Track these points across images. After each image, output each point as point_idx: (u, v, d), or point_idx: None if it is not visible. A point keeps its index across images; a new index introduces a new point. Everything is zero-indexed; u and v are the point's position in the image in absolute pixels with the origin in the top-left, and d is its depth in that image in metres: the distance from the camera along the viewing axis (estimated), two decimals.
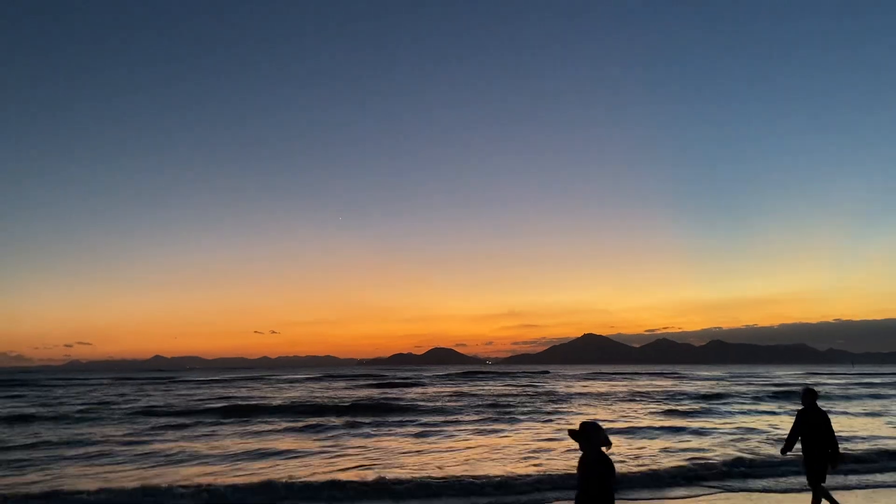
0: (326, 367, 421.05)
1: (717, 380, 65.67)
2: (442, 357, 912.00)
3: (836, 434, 8.32)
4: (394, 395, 39.13)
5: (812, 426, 8.22)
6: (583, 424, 4.80)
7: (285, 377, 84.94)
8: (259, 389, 49.70)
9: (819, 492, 8.29)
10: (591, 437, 4.69)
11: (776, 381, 62.70)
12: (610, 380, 67.55)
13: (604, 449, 4.68)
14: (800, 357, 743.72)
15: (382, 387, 52.22)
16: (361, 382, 62.18)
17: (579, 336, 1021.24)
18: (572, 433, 4.79)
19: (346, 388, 49.63)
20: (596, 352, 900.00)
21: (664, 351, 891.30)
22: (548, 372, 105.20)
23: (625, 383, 57.44)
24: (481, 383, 58.67)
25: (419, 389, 47.50)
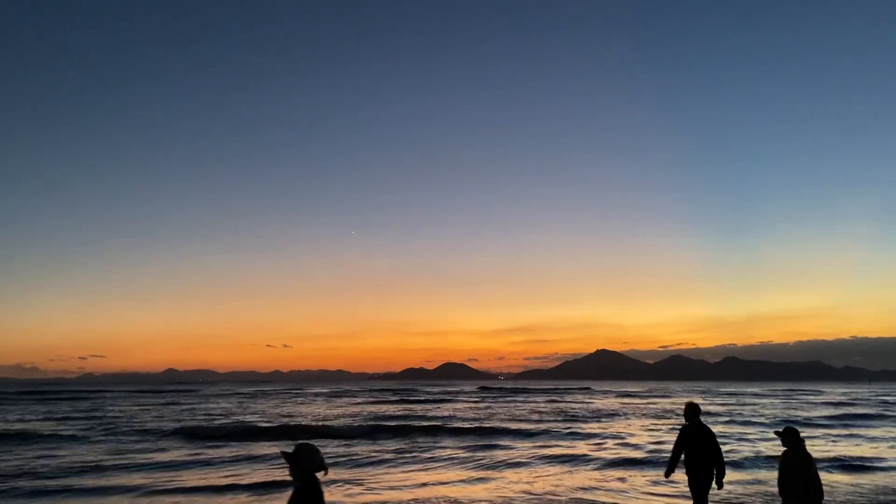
0: (340, 381, 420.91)
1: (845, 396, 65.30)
2: (454, 372, 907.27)
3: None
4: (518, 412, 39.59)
5: (696, 443, 7.86)
6: (297, 446, 4.11)
7: (332, 391, 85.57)
8: (350, 405, 50.29)
9: None
10: (301, 460, 4.00)
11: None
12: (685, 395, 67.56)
13: (320, 475, 4.06)
14: (816, 374, 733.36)
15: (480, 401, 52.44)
16: (428, 397, 62.71)
17: (592, 352, 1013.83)
18: (285, 455, 4.06)
19: (427, 403, 50.06)
20: (609, 368, 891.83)
21: (678, 367, 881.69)
22: (589, 388, 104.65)
23: (725, 400, 57.56)
24: (547, 398, 59.07)
25: (518, 404, 47.94)
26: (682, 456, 7.96)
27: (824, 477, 8.30)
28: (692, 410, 8.13)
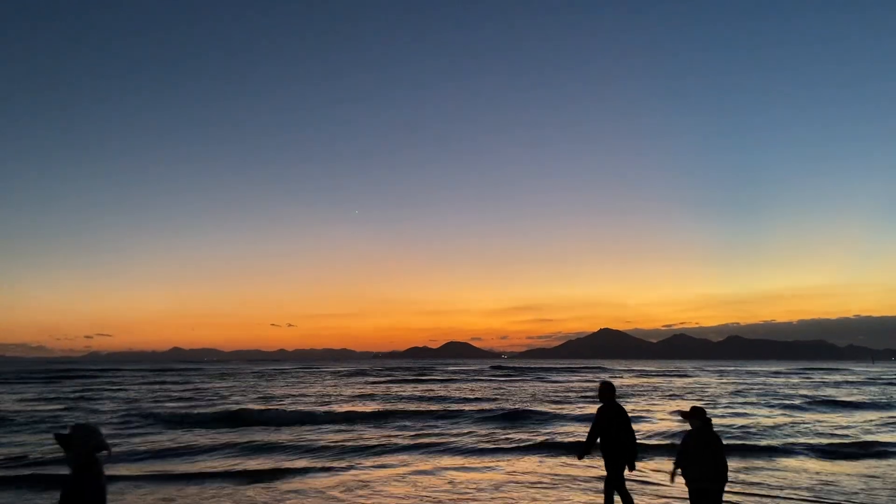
0: (345, 360, 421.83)
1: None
2: (457, 351, 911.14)
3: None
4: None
5: (612, 423, 7.64)
6: (73, 427, 3.98)
7: (349, 369, 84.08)
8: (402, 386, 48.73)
9: (615, 491, 7.68)
10: (73, 441, 3.81)
11: None
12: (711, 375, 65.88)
13: (104, 453, 3.93)
14: (819, 353, 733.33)
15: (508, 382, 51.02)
16: (447, 377, 61.08)
17: (595, 331, 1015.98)
18: (58, 437, 3.91)
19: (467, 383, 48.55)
20: (612, 347, 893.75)
21: (681, 346, 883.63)
22: (602, 368, 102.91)
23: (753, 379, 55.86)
24: (570, 377, 57.44)
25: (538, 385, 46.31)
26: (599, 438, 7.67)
27: None
28: (608, 390, 7.85)
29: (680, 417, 7.32)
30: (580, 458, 8.07)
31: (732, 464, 8.41)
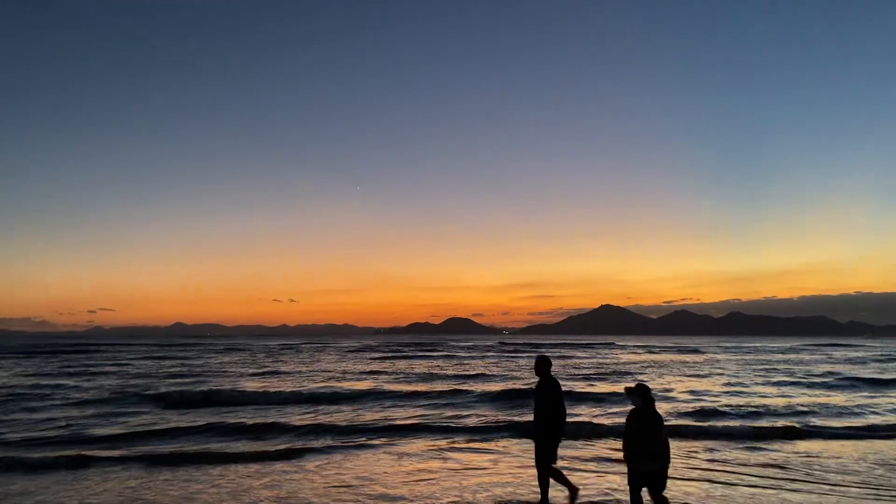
0: (347, 335, 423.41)
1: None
2: (459, 327, 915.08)
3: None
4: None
5: (548, 398, 7.40)
6: None
7: (354, 345, 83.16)
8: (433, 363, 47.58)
9: (549, 471, 7.44)
10: None
11: None
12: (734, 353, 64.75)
13: None
14: (820, 330, 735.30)
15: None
16: (464, 354, 59.97)
17: (596, 307, 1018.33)
18: None
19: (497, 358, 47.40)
20: (613, 323, 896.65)
21: (682, 323, 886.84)
22: (613, 344, 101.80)
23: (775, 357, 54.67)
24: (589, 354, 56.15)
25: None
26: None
27: None
28: (544, 364, 7.58)
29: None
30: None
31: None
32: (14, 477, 9.72)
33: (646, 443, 6.34)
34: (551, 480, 7.56)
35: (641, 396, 6.52)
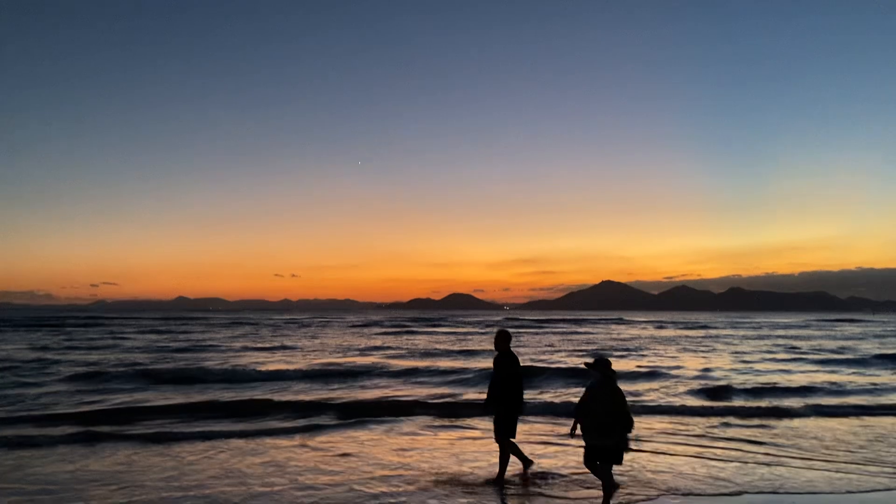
0: (349, 310, 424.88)
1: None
2: (460, 303, 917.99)
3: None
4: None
5: (503, 373, 7.30)
6: None
7: (361, 321, 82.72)
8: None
9: (508, 446, 7.42)
10: None
11: None
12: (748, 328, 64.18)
13: None
14: (820, 305, 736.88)
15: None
16: (476, 330, 59.40)
17: (597, 283, 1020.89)
18: None
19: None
20: (614, 299, 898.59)
21: (683, 298, 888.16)
22: (622, 319, 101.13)
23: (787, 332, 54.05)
24: (604, 328, 55.73)
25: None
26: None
27: None
28: (504, 338, 7.49)
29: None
30: (486, 411, 7.62)
31: None
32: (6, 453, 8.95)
33: (600, 417, 6.24)
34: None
35: (602, 371, 6.39)
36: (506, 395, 7.23)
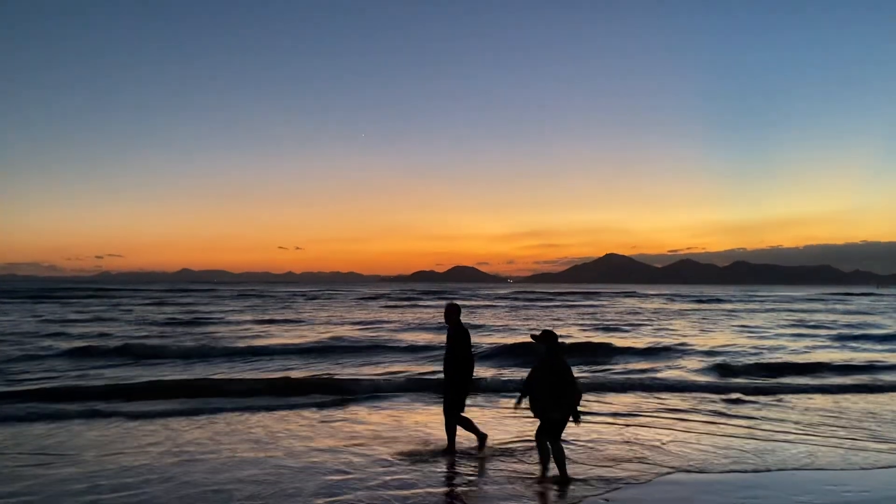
0: (353, 283, 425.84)
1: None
2: (464, 275, 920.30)
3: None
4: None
5: (459, 346, 7.14)
6: None
7: (369, 294, 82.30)
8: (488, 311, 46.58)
9: (458, 420, 7.31)
10: None
11: None
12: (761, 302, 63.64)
13: None
14: (825, 278, 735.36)
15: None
16: (485, 302, 59.01)
17: (601, 256, 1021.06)
18: None
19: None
20: (618, 272, 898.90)
21: (687, 271, 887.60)
22: (635, 293, 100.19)
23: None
24: (621, 302, 55.21)
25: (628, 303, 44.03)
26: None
27: None
28: (454, 312, 7.36)
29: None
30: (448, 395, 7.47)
31: None
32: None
33: (547, 390, 6.18)
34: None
35: (548, 345, 6.33)
36: (456, 370, 7.17)
